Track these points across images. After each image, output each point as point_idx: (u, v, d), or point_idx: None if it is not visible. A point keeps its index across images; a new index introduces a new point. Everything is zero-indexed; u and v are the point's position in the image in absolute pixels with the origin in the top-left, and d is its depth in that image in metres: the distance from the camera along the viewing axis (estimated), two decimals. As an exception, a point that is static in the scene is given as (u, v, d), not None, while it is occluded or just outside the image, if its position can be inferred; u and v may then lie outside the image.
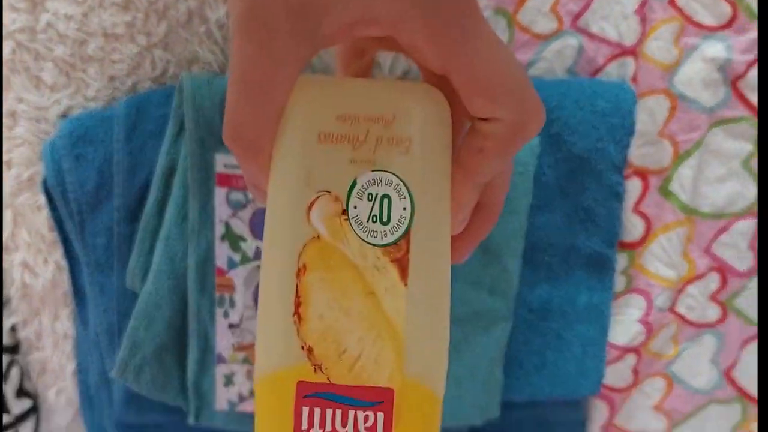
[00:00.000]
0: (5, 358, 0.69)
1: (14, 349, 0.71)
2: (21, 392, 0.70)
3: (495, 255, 0.62)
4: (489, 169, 0.27)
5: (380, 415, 0.24)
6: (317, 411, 0.24)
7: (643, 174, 0.65)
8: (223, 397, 0.60)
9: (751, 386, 0.70)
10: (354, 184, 0.25)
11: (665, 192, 0.66)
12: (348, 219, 0.25)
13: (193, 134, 0.59)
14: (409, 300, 0.24)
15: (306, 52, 0.25)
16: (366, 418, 0.24)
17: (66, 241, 0.67)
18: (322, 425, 0.24)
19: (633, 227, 0.66)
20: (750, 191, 0.66)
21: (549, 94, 0.61)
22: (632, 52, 0.63)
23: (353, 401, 0.24)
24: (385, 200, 0.25)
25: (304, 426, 0.25)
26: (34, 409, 0.71)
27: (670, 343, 0.70)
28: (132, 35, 0.63)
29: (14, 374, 0.70)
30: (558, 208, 0.64)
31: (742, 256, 0.67)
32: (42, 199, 0.66)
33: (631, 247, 0.67)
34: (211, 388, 0.62)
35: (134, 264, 0.64)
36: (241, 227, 0.58)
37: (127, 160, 0.63)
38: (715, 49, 0.63)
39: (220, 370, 0.60)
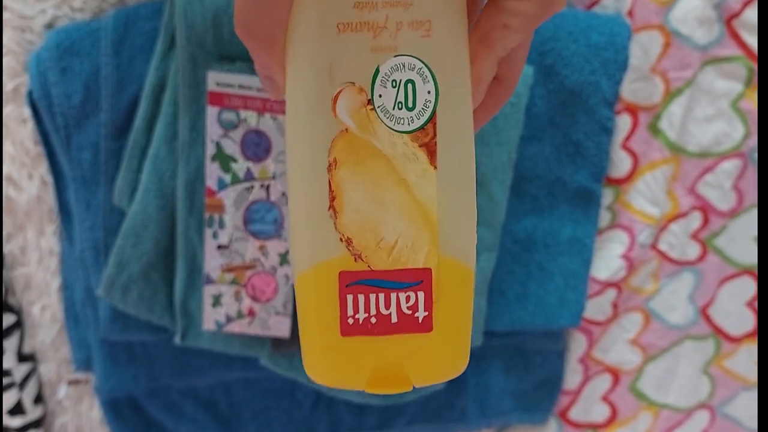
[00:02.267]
0: (-12, 272, 0.69)
1: (-3, 263, 0.71)
2: (5, 307, 0.70)
3: (483, 185, 0.62)
4: (512, 44, 0.26)
5: (420, 293, 0.25)
6: (361, 297, 0.25)
7: (633, 110, 0.65)
8: (210, 318, 0.61)
9: (726, 323, 0.72)
10: (377, 72, 0.25)
11: (654, 129, 0.66)
12: (374, 108, 0.25)
13: (185, 50, 0.58)
14: (440, 183, 0.25)
15: None
16: (408, 299, 0.25)
17: (51, 155, 0.66)
18: (367, 310, 0.25)
19: (620, 163, 0.67)
20: (737, 132, 0.66)
21: (544, 26, 0.60)
22: (631, -15, 0.62)
23: (394, 284, 0.25)
24: (410, 85, 0.25)
25: (350, 313, 0.25)
26: (17, 324, 0.71)
27: (650, 279, 0.71)
28: (122, -55, 0.61)
29: (-3, 288, 0.70)
30: (547, 140, 0.64)
31: (726, 196, 0.68)
32: (27, 111, 0.65)
33: (617, 182, 0.67)
34: (198, 308, 0.63)
35: (122, 181, 0.63)
36: (232, 147, 0.57)
37: (115, 74, 0.62)
38: (712, -14, 0.62)
39: (208, 291, 0.61)
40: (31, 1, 0.63)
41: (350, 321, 0.25)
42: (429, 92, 0.25)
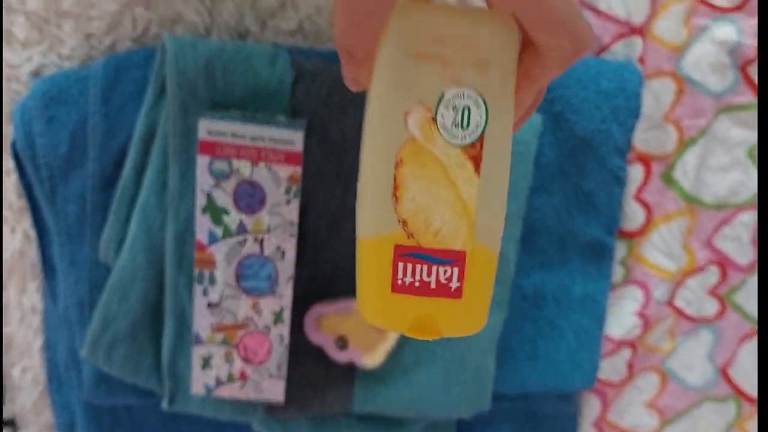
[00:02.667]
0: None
1: (-23, 321, 0.67)
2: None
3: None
4: (549, 77, 0.33)
5: (456, 269, 0.33)
6: (409, 266, 0.32)
7: (645, 159, 0.62)
8: (199, 381, 0.57)
9: (747, 384, 0.68)
10: (442, 96, 0.31)
11: (668, 179, 0.63)
12: (436, 125, 0.31)
13: (176, 98, 0.56)
14: (480, 188, 0.32)
15: None
16: (445, 272, 0.33)
17: (35, 209, 0.63)
18: (413, 276, 0.32)
19: (633, 215, 0.63)
20: (754, 182, 0.63)
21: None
22: (640, 31, 0.60)
23: (436, 260, 0.32)
24: (466, 111, 0.32)
25: (400, 276, 0.32)
26: (-4, 386, 0.67)
27: (666, 337, 0.67)
28: (112, -9, 0.59)
29: (-24, 348, 0.66)
30: (557, 191, 0.61)
31: (744, 250, 0.65)
32: (11, 163, 0.62)
33: (630, 235, 0.64)
34: (187, 369, 0.59)
35: (109, 234, 0.60)
36: (224, 199, 0.54)
37: (103, 123, 0.59)
38: (725, 31, 0.60)
39: (198, 352, 0.57)
40: (17, 48, 0.60)
41: (399, 282, 0.33)
42: (480, 117, 0.31)
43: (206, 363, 0.57)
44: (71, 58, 0.61)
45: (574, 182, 0.61)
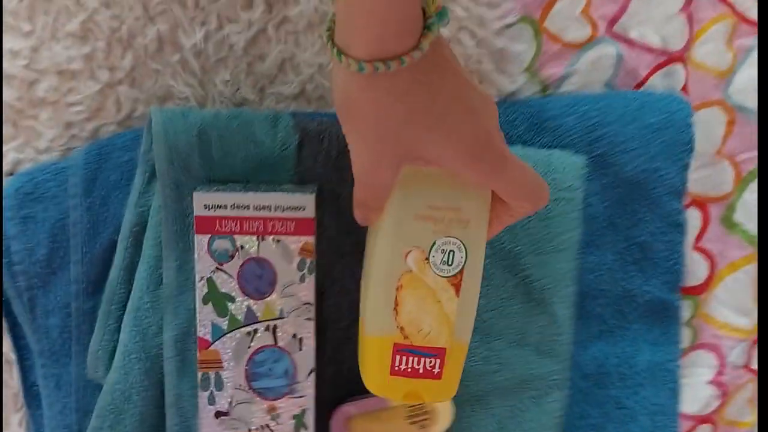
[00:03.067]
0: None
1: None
2: None
3: (542, 303, 0.51)
4: (515, 220, 0.42)
5: (438, 360, 0.43)
6: (405, 358, 0.43)
7: (701, 203, 0.55)
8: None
9: None
10: (434, 243, 0.41)
11: (729, 223, 0.56)
12: (429, 262, 0.42)
13: (167, 178, 0.49)
14: (459, 305, 0.42)
15: (399, 164, 0.39)
16: (430, 362, 0.43)
17: (14, 328, 0.55)
18: (407, 364, 0.43)
19: (694, 267, 0.56)
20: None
21: (588, 110, 0.52)
22: (680, 58, 0.54)
23: (424, 354, 0.43)
24: (451, 253, 0.42)
25: (397, 364, 0.43)
26: None
27: (747, 408, 0.58)
28: (92, 70, 0.54)
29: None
30: (608, 246, 0.54)
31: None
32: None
33: (693, 292, 0.56)
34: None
35: (96, 345, 0.52)
36: (228, 284, 0.46)
37: (86, 217, 0.52)
38: (770, 52, 0.54)
39: (207, 475, 0.47)
40: (-12, 146, 0.54)
41: (396, 368, 0.43)
42: (462, 257, 0.42)
43: (219, 489, 0.47)
44: (50, 150, 0.55)
45: (627, 234, 0.54)
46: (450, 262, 0.42)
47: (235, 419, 0.47)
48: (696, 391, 0.57)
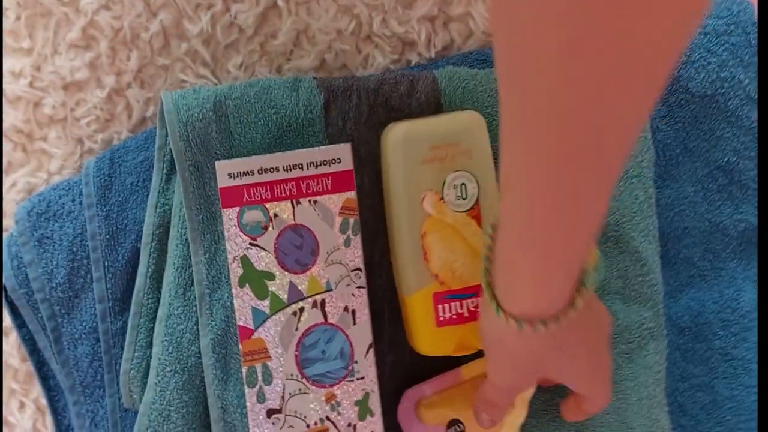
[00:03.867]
0: None
1: None
2: None
3: (620, 239, 0.45)
4: (597, 410, 0.44)
5: (479, 299, 0.43)
6: (446, 306, 0.43)
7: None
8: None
9: None
10: (444, 181, 0.43)
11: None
12: (444, 201, 0.43)
13: (185, 160, 0.44)
14: (483, 235, 0.40)
15: (530, 383, 0.44)
16: (471, 303, 0.43)
17: (42, 368, 0.50)
18: (450, 311, 0.43)
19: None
20: None
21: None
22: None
23: (464, 296, 0.43)
24: (463, 186, 0.43)
25: (440, 314, 0.43)
26: None
27: None
28: (98, 78, 0.50)
29: None
30: (686, 175, 0.48)
31: None
32: (8, 319, 0.50)
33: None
34: None
35: (128, 365, 0.46)
36: (264, 260, 0.41)
37: (104, 228, 0.48)
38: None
39: (265, 485, 0.40)
40: (-1, 176, 0.51)
41: (441, 318, 0.43)
42: (474, 188, 0.43)
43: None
44: (63, 170, 0.51)
45: (706, 158, 0.47)
46: (464, 196, 0.43)
47: (290, 415, 0.40)
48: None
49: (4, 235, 0.51)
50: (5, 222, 0.51)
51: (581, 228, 0.31)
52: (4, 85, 0.50)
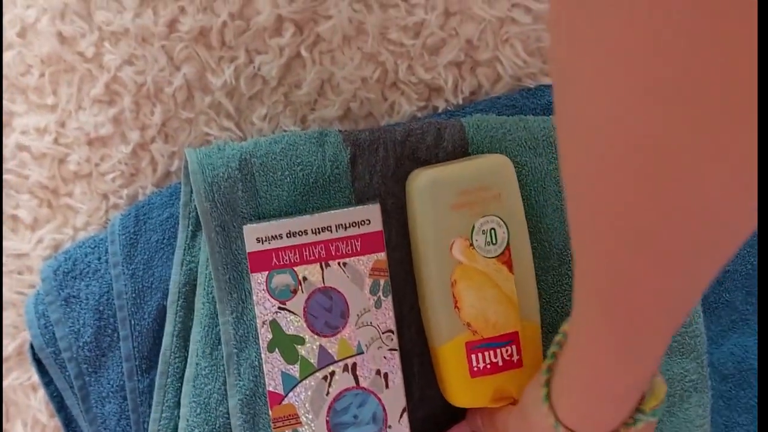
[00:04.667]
0: None
1: None
2: None
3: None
4: None
5: (514, 346, 0.42)
6: (480, 355, 0.42)
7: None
8: None
9: None
10: (474, 227, 0.42)
11: None
12: (474, 247, 0.42)
13: (211, 219, 0.44)
14: (516, 281, 0.42)
15: None
16: (507, 351, 0.42)
17: (69, 424, 0.50)
18: (484, 360, 0.42)
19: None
20: None
21: None
22: None
23: (498, 344, 0.42)
24: (492, 231, 0.42)
25: (474, 364, 0.42)
26: None
27: None
28: (122, 133, 0.50)
29: None
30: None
31: None
32: (35, 376, 0.50)
33: None
34: None
35: (156, 425, 0.45)
36: (294, 323, 0.40)
37: (131, 286, 0.47)
38: None
39: None
40: (25, 233, 0.50)
41: (475, 369, 0.42)
42: (504, 232, 0.42)
43: None
44: (89, 225, 0.51)
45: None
46: (494, 241, 0.42)
47: (325, 485, 0.39)
48: None
49: (31, 292, 0.50)
50: (31, 278, 0.51)
51: (645, 365, 0.31)
52: (29, 142, 0.50)
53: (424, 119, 0.47)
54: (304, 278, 0.40)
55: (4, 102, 0.50)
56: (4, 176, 0.51)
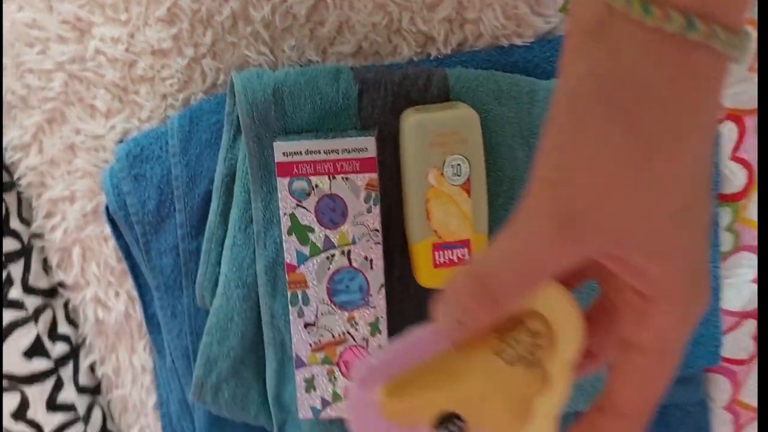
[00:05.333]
0: (86, 400, 0.67)
1: (94, 389, 0.69)
2: (103, 433, 0.68)
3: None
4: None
5: (465, 249, 0.54)
6: (441, 253, 0.54)
7: (736, 117, 0.59)
8: (305, 405, 0.56)
9: None
10: (444, 162, 0.53)
11: (762, 135, 0.60)
12: (444, 176, 0.53)
13: (250, 132, 0.57)
14: (472, 204, 0.54)
15: (569, 255, 0.28)
16: (460, 252, 0.54)
17: (134, 268, 0.65)
18: (444, 258, 0.54)
19: (733, 177, 0.60)
20: None
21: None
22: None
23: (455, 246, 0.54)
24: (458, 165, 0.54)
25: (437, 259, 0.54)
26: (117, 451, 0.68)
27: (793, 306, 0.62)
28: (179, 48, 0.62)
29: (96, 416, 0.68)
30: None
31: None
32: (107, 228, 0.65)
33: (732, 199, 0.61)
34: (292, 399, 0.58)
35: (202, 279, 0.61)
36: (307, 217, 0.55)
37: (185, 172, 0.62)
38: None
39: (300, 375, 0.56)
40: (101, 120, 0.64)
41: (437, 262, 0.54)
42: (467, 168, 0.54)
43: (310, 385, 0.56)
44: (150, 119, 0.64)
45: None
46: (459, 173, 0.54)
47: (320, 328, 0.56)
48: (739, 290, 0.61)
49: (105, 166, 0.65)
50: (105, 156, 0.65)
51: None
52: (106, 48, 0.63)
53: (418, 65, 0.60)
54: (316, 185, 0.55)
55: (84, 13, 0.63)
56: (85, 73, 0.64)
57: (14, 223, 0.66)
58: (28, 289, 0.65)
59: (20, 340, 0.64)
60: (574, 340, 0.32)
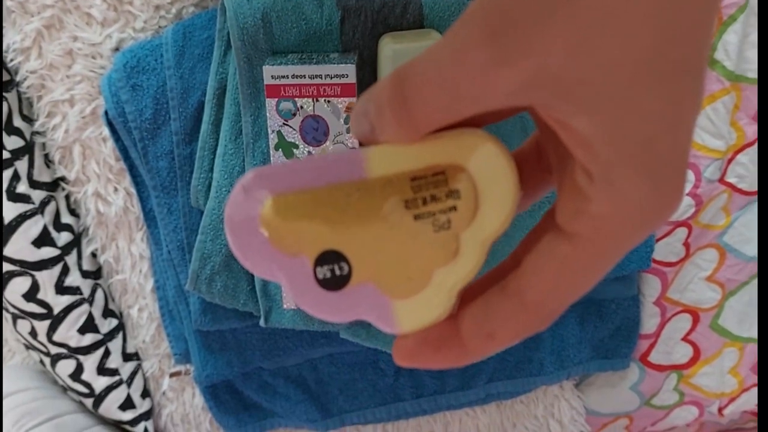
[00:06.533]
0: (90, 283, 0.75)
1: (96, 273, 0.76)
2: (107, 313, 0.76)
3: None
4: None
5: None
6: None
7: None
8: (289, 296, 0.65)
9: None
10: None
11: (710, 61, 0.66)
12: None
13: (241, 53, 0.62)
14: None
15: (502, 78, 0.23)
16: None
17: (132, 168, 0.72)
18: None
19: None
20: (794, 56, 0.66)
21: None
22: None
23: None
24: None
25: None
26: (119, 327, 0.77)
27: (721, 214, 0.70)
28: (171, -37, 0.66)
29: (99, 297, 0.76)
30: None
31: (789, 122, 0.67)
32: (106, 130, 0.70)
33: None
34: (278, 289, 0.67)
35: (196, 182, 0.68)
36: (292, 135, 0.61)
37: (179, 84, 0.67)
38: None
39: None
40: (97, 28, 0.68)
41: None
42: None
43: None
44: (144, 30, 0.69)
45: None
46: None
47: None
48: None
49: (104, 73, 0.70)
50: (101, 62, 0.70)
51: None
52: (100, -40, 0.66)
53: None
54: (301, 107, 0.61)
55: (78, -77, 0.65)
56: (80, -17, 0.67)
57: (17, 122, 0.71)
58: (33, 183, 0.72)
59: (29, 230, 0.71)
60: (499, 218, 0.27)
